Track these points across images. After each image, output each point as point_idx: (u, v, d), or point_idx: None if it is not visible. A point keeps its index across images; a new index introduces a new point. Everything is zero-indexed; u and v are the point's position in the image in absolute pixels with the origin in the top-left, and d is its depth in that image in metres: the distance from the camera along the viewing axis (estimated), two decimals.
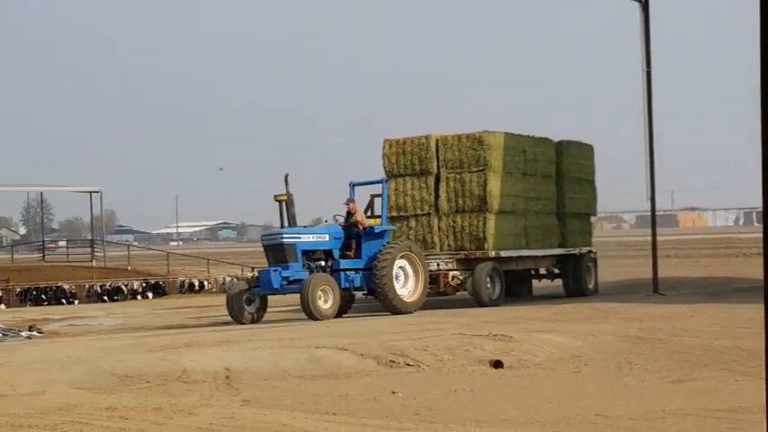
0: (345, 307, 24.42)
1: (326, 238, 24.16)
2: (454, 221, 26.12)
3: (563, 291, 29.06)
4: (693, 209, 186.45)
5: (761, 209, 4.06)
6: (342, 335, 17.59)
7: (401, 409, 11.32)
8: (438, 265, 25.66)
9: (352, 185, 25.52)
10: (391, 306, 23.53)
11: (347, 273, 23.87)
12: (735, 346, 15.04)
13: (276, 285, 23.00)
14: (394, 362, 14.89)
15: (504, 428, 9.73)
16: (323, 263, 23.93)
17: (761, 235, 4.28)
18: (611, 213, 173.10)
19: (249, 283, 23.92)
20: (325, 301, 22.54)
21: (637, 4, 27.66)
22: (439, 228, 26.21)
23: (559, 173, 28.69)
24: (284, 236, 23.48)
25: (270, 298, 24.34)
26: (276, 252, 23.57)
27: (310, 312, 22.22)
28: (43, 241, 57.01)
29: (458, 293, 26.57)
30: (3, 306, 37.62)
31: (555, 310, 22.20)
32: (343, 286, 23.64)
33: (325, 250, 24.04)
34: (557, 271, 29.01)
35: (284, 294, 24.17)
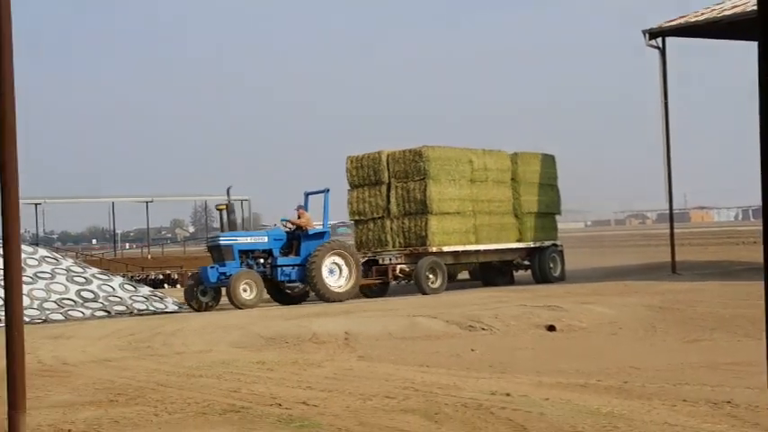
0: (301, 298, 23.36)
1: (266, 239, 22.85)
2: (403, 223, 24.84)
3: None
4: (702, 208, 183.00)
5: (757, 206, 4.01)
6: (432, 306, 17.61)
7: (478, 362, 11.31)
8: (390, 259, 24.49)
9: (306, 194, 24.30)
10: (321, 295, 22.21)
11: (284, 268, 22.56)
12: (737, 314, 14.75)
13: (213, 280, 21.72)
14: (472, 327, 14.88)
15: (557, 377, 9.66)
16: (262, 260, 22.57)
17: (758, 227, 4.23)
18: (637, 212, 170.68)
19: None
20: (249, 293, 21.21)
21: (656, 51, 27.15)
22: (391, 228, 24.91)
23: (515, 179, 27.06)
24: (221, 239, 22.26)
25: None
26: (216, 252, 22.34)
27: (234, 302, 20.98)
28: (207, 237, 57.80)
29: (405, 283, 24.73)
30: (179, 286, 38.22)
31: (594, 287, 21.94)
32: (279, 279, 22.56)
33: (265, 250, 22.67)
34: (526, 262, 27.30)
35: (223, 287, 22.01)
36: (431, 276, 24.03)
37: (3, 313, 16.58)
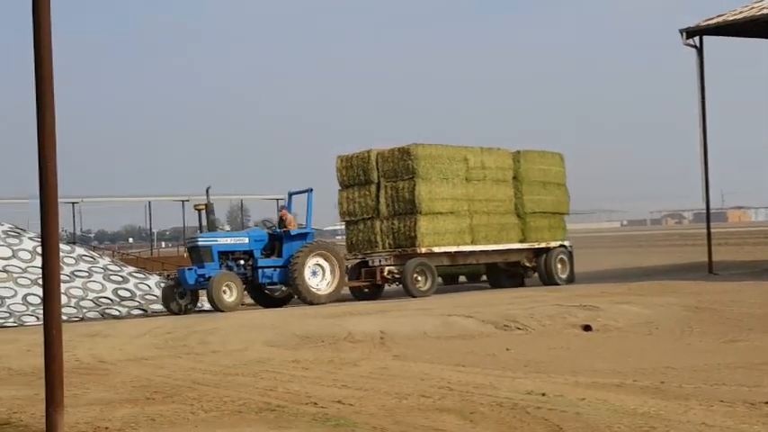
0: (284, 301, 22.63)
1: (246, 240, 21.91)
2: (392, 223, 23.78)
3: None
4: (740, 207, 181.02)
5: None
6: (466, 306, 17.56)
7: (513, 362, 11.27)
8: (379, 261, 23.48)
9: (290, 194, 23.66)
10: (303, 297, 21.38)
11: (266, 270, 21.67)
12: None
13: (191, 282, 20.85)
14: (507, 326, 14.83)
15: (593, 377, 9.61)
16: (242, 262, 21.71)
17: None
18: (673, 211, 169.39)
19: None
20: (230, 295, 20.33)
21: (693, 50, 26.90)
22: (381, 229, 23.89)
23: (517, 178, 25.91)
24: (200, 240, 21.36)
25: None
26: (195, 253, 21.42)
27: (215, 304, 20.11)
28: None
29: (396, 285, 23.74)
30: None
31: (631, 286, 21.77)
32: (261, 281, 21.71)
33: (245, 251, 21.77)
34: (528, 264, 26.00)
35: (201, 289, 21.38)
36: (419, 278, 23.05)
37: (41, 311, 16.78)
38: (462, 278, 29.06)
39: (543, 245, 26.06)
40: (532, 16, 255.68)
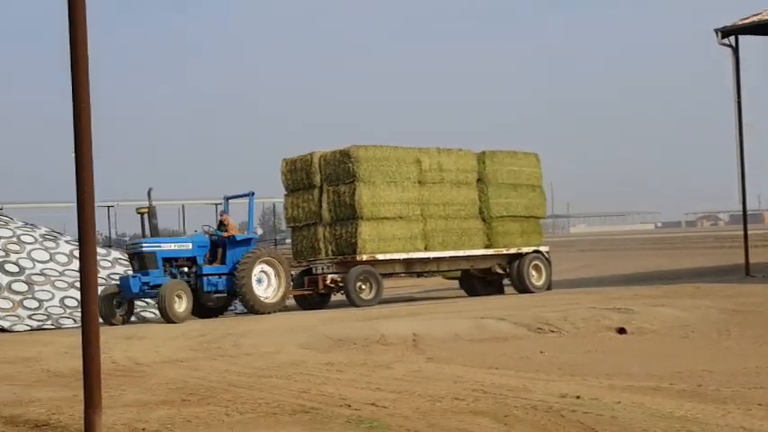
0: (221, 310, 21.31)
1: (189, 246, 20.46)
2: (334, 229, 22.59)
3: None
4: None
5: None
6: (498, 308, 17.53)
7: (547, 364, 11.24)
8: (322, 269, 22.27)
9: (226, 199, 22.15)
10: (250, 306, 20.19)
11: (210, 278, 20.24)
12: None
13: (135, 290, 19.38)
14: (541, 329, 14.79)
15: (628, 381, 9.56)
16: (186, 269, 20.28)
17: None
18: (708, 213, 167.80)
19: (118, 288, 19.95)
20: (180, 305, 18.86)
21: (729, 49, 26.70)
22: (324, 236, 22.73)
23: (483, 180, 24.51)
24: (144, 245, 19.89)
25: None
26: (138, 260, 19.86)
27: (167, 316, 18.65)
28: (275, 239, 58.32)
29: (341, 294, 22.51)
30: None
31: (665, 289, 21.62)
32: (206, 290, 20.17)
33: (188, 257, 20.33)
34: (500, 271, 24.67)
35: (145, 299, 20.46)
36: (363, 287, 21.85)
37: (78, 314, 16.89)
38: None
39: (514, 250, 24.56)
40: (576, 15, 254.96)
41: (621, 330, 14.47)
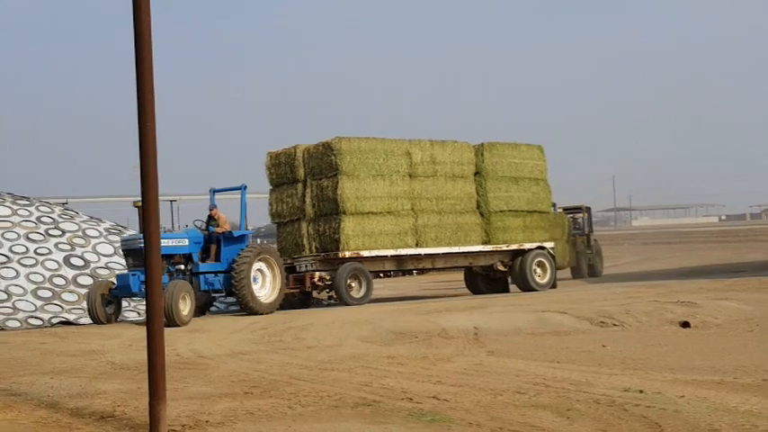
0: (205, 307, 20.23)
1: (186, 242, 19.07)
2: (318, 225, 21.72)
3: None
4: None
5: None
6: (559, 302, 17.43)
7: (610, 358, 11.13)
8: (306, 266, 21.26)
9: (213, 192, 21.08)
10: (248, 307, 18.91)
11: (207, 276, 19.12)
12: None
13: (135, 289, 17.82)
14: (603, 323, 14.66)
15: (691, 375, 9.43)
16: (182, 266, 19.07)
17: None
18: None
19: (111, 286, 18.48)
20: (184, 308, 17.27)
21: None
22: (307, 232, 21.87)
23: (481, 173, 23.57)
24: (142, 240, 18.76)
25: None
26: (135, 256, 18.05)
27: (173, 320, 16.78)
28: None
29: (327, 293, 22.09)
30: None
31: (729, 282, 21.30)
32: (202, 288, 19.06)
33: (184, 254, 19.11)
34: (503, 268, 23.71)
35: (143, 298, 19.25)
36: (353, 284, 21.03)
37: (142, 307, 17.07)
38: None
39: (515, 246, 23.55)
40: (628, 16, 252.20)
41: (685, 324, 14.29)
